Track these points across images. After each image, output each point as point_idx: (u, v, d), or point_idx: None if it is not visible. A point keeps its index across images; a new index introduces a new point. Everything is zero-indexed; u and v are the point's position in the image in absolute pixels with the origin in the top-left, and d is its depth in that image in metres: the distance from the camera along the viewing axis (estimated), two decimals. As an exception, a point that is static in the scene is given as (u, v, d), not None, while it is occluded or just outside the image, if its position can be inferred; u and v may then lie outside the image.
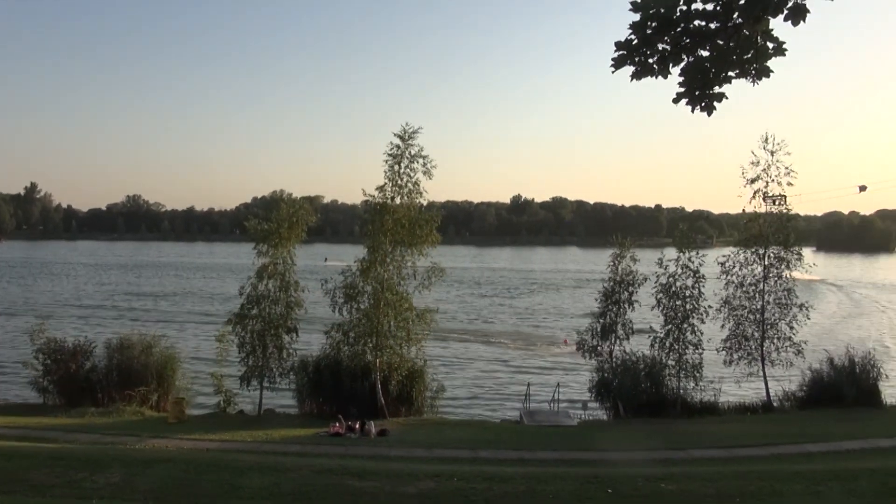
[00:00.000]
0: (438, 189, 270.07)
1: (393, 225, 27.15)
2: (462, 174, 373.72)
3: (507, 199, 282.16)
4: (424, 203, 28.22)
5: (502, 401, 33.11)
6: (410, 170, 27.53)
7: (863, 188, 72.30)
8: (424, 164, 27.45)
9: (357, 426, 23.10)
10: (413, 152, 27.45)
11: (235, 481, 12.32)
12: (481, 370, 40.22)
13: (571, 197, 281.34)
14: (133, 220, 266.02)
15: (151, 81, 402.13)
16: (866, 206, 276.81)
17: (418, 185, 27.57)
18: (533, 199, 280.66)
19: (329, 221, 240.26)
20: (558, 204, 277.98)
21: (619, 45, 5.37)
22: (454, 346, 46.76)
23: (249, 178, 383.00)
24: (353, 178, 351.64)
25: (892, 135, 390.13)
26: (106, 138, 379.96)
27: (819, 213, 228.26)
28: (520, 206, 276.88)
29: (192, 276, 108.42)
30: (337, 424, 23.15)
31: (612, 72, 5.49)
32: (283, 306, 27.84)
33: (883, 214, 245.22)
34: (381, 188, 27.57)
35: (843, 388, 26.77)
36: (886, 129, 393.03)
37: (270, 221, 28.07)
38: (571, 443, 21.70)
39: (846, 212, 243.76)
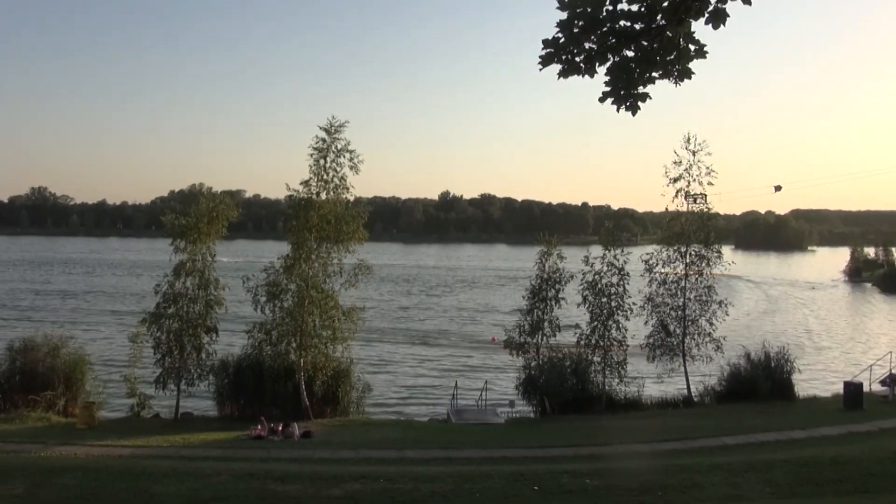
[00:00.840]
0: (366, 184, 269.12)
1: (318, 221, 26.82)
2: (390, 170, 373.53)
3: (435, 196, 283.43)
4: (351, 198, 28.02)
5: (430, 400, 33.24)
6: (337, 164, 27.25)
7: (778, 188, 75.49)
8: (351, 159, 27.24)
9: (280, 428, 22.75)
10: (340, 146, 27.20)
11: (150, 489, 11.94)
12: (409, 369, 40.26)
13: (500, 194, 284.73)
14: (38, 214, 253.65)
15: (55, 66, 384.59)
16: (781, 206, 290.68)
17: (345, 180, 27.34)
18: (461, 196, 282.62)
19: (251, 217, 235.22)
20: (487, 201, 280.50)
21: (546, 43, 5.45)
22: (381, 345, 46.63)
23: (166, 170, 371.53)
24: (277, 173, 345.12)
25: (806, 136, 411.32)
26: (7, 126, 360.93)
27: (738, 213, 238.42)
28: (448, 202, 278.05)
29: (104, 274, 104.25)
30: (258, 427, 22.73)
31: (540, 69, 5.57)
32: (202, 305, 27.10)
33: (797, 214, 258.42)
34: (306, 183, 27.19)
35: (759, 382, 28.10)
36: (800, 130, 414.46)
37: (189, 216, 27.24)
38: (499, 441, 21.96)
39: (763, 211, 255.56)
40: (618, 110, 5.60)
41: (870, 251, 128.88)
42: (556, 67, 5.58)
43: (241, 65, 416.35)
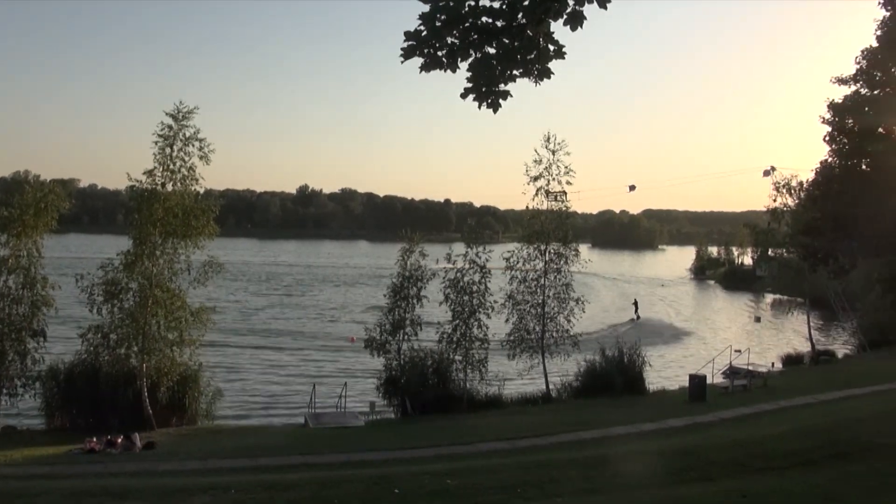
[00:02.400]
0: (217, 176, 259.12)
1: (164, 214, 25.57)
2: (244, 161, 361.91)
3: (293, 190, 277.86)
4: (201, 191, 27.00)
5: (286, 404, 32.52)
6: (185, 153, 26.11)
7: (632, 188, 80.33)
8: (201, 148, 26.18)
9: (119, 440, 21.49)
10: (188, 134, 26.09)
11: (-37, 514, 10.90)
12: (264, 372, 39.18)
13: (361, 189, 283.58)
14: None
15: None
16: (635, 206, 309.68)
17: (194, 171, 26.24)
18: (321, 191, 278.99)
19: (87, 209, 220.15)
20: (348, 196, 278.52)
21: (408, 36, 5.50)
22: (234, 347, 45.06)
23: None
24: (116, 160, 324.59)
25: (659, 138, 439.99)
26: None
27: (594, 212, 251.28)
28: (307, 197, 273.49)
29: None
30: (94, 440, 21.36)
31: (402, 62, 5.61)
32: (28, 306, 25.10)
33: (648, 214, 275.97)
34: (149, 172, 25.85)
35: (613, 377, 29.86)
36: (650, 133, 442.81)
37: (12, 207, 25.11)
38: (359, 444, 21.89)
39: (617, 210, 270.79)
40: (479, 107, 5.74)
41: (713, 250, 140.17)
42: (418, 61, 5.65)
43: (76, 37, 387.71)
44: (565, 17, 5.25)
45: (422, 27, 5.45)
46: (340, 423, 25.90)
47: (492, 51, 5.60)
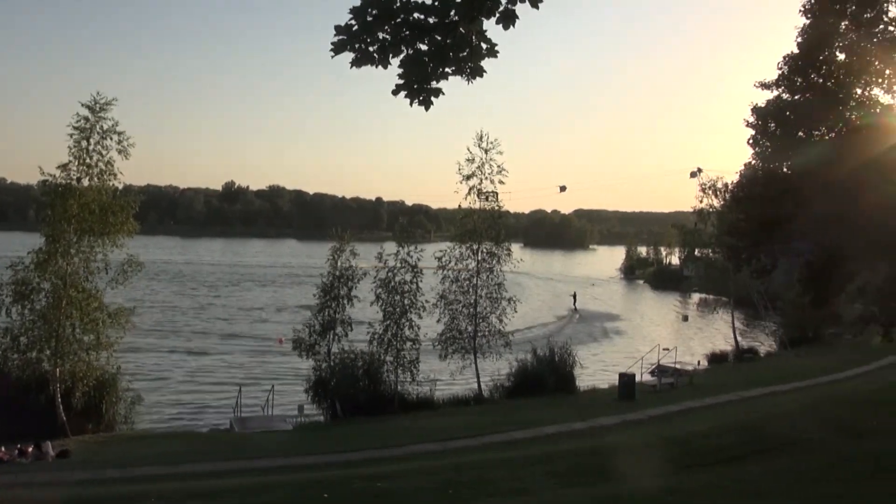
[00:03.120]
0: (137, 171, 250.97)
1: (79, 210, 24.62)
2: (166, 156, 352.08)
3: (218, 186, 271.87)
4: (120, 186, 26.09)
5: (211, 409, 31.80)
6: (102, 147, 25.21)
7: (563, 188, 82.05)
8: (120, 142, 25.30)
9: (29, 449, 20.60)
10: (106, 127, 25.18)
11: None
12: (187, 375, 38.22)
13: (290, 186, 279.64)
14: None
15: None
16: (566, 206, 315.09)
17: (112, 165, 25.35)
18: (248, 187, 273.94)
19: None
20: (276, 193, 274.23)
21: (339, 30, 5.45)
22: (156, 350, 43.81)
23: None
24: (28, 154, 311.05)
25: (590, 139, 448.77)
26: None
27: (526, 211, 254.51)
28: (233, 193, 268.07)
29: None
30: (2, 449, 20.44)
31: (332, 56, 5.56)
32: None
33: (580, 214, 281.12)
34: (64, 166, 24.84)
35: (544, 376, 30.32)
36: (582, 134, 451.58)
37: None
38: (288, 448, 21.58)
39: (549, 210, 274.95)
40: (411, 104, 5.74)
41: (642, 250, 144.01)
42: (349, 55, 5.60)
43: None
44: (498, 15, 5.30)
45: (353, 21, 5.41)
46: (267, 428, 25.49)
47: (424, 47, 5.60)
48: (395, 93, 5.74)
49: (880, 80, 19.95)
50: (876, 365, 36.18)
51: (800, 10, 20.77)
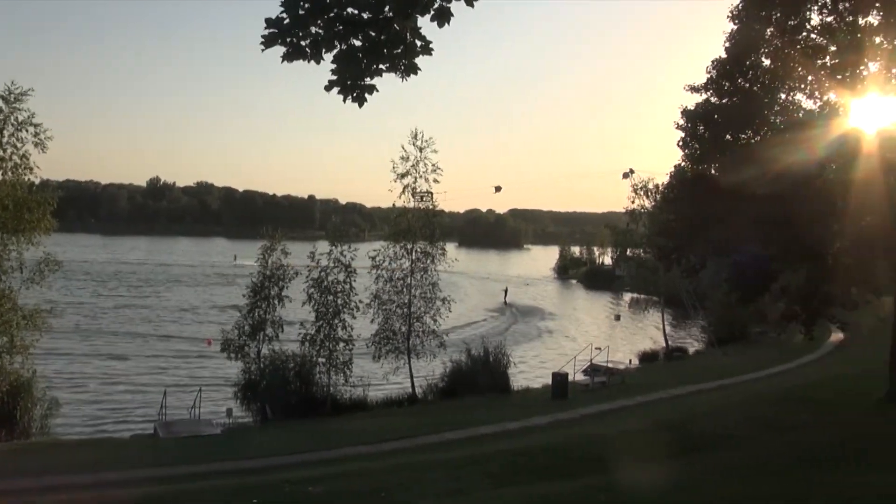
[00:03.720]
0: (55, 165, 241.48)
1: (-9, 207, 23.60)
2: (87, 150, 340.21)
3: (142, 182, 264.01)
4: (36, 181, 25.12)
5: (134, 414, 30.86)
6: (17, 139, 24.21)
7: (498, 188, 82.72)
8: (37, 134, 24.35)
9: (-64, 459, 19.64)
10: (21, 118, 24.19)
11: None
12: (109, 379, 36.99)
13: (219, 183, 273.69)
14: None
15: None
16: (501, 205, 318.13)
17: (27, 159, 24.38)
18: (175, 184, 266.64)
19: None
20: (204, 190, 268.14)
21: (269, 23, 5.36)
22: (75, 353, 42.25)
23: None
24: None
25: (524, 141, 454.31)
26: None
27: (461, 211, 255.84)
28: (159, 190, 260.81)
29: None
30: None
31: (262, 50, 5.47)
32: None
33: (514, 213, 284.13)
34: (-26, 161, 23.77)
35: (478, 376, 30.54)
36: (516, 134, 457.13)
37: None
38: (216, 453, 21.15)
39: (484, 210, 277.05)
40: (344, 100, 5.69)
41: (576, 250, 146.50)
42: (280, 50, 5.52)
43: None
44: (432, 12, 5.30)
45: (284, 15, 5.34)
46: (194, 432, 24.90)
47: (358, 43, 5.56)
48: (328, 89, 5.68)
49: (803, 86, 20.77)
50: (798, 362, 37.81)
51: (728, 16, 21.46)
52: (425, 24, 5.45)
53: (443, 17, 5.30)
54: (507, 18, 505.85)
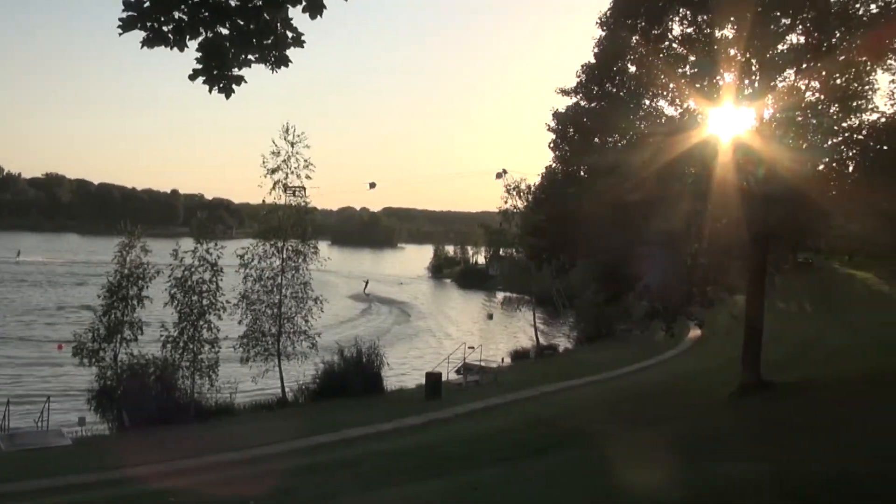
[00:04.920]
0: None
1: None
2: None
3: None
4: None
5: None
6: None
7: (372, 185, 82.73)
8: None
9: None
10: None
11: None
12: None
13: (71, 175, 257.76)
14: None
15: None
16: (375, 203, 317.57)
17: None
18: (19, 175, 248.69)
19: None
20: (54, 182, 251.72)
21: (128, 5, 5.10)
22: None
23: None
24: None
25: (399, 139, 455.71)
26: None
27: (334, 208, 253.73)
28: (1, 181, 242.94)
29: None
30: None
31: (120, 34, 5.20)
32: None
33: (388, 212, 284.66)
34: None
35: (351, 378, 30.38)
36: (391, 131, 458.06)
37: None
38: (66, 466, 19.92)
39: (358, 208, 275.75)
40: (210, 91, 5.51)
41: (450, 249, 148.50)
42: (140, 34, 5.27)
43: None
44: (304, 3, 5.21)
45: (144, -3, 5.10)
46: (41, 444, 23.33)
47: (225, 31, 5.39)
48: (192, 78, 5.47)
49: (665, 93, 22.00)
50: (659, 358, 40.06)
51: (597, 23, 22.41)
52: (297, 14, 5.36)
53: (315, 8, 5.23)
54: (382, 13, 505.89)
